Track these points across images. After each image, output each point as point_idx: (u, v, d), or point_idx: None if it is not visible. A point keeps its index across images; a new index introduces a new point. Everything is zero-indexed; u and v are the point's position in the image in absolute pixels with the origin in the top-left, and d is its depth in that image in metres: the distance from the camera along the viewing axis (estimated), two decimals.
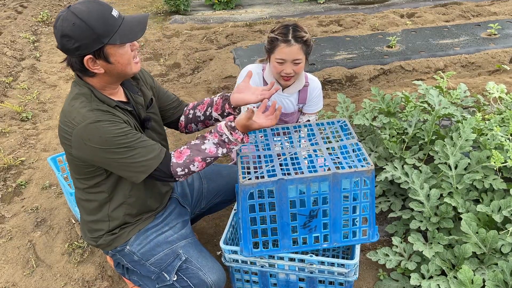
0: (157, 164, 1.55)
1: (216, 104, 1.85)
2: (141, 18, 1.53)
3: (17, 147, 3.28)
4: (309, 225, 1.65)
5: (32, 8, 6.59)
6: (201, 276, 1.66)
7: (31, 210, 2.63)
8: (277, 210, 1.60)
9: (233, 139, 1.63)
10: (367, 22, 5.52)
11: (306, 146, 1.79)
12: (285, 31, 2.08)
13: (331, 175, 1.54)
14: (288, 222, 1.62)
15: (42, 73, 4.59)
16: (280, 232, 1.64)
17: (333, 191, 1.57)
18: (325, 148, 1.75)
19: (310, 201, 1.60)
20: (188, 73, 4.54)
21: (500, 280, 1.71)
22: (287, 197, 1.57)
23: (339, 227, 1.66)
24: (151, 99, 1.78)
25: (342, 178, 1.55)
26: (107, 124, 1.47)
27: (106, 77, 1.53)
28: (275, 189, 1.55)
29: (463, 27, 5.09)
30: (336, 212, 1.62)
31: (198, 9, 6.73)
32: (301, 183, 1.55)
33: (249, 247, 1.67)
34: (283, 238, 1.65)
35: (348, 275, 1.66)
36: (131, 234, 1.75)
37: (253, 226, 1.63)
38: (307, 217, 1.63)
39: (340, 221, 1.64)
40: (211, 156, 1.62)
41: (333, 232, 1.66)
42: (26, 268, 2.22)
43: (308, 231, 1.66)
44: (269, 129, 1.92)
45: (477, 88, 3.65)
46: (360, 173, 1.55)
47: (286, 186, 1.55)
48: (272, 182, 1.54)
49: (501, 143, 2.22)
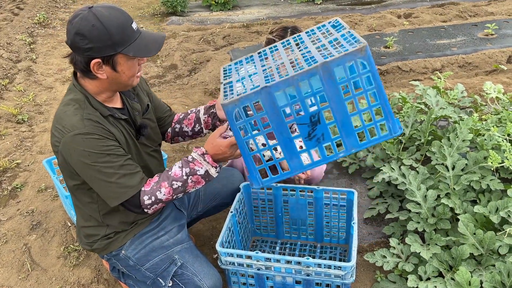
0: (133, 193, 1.53)
1: (205, 122, 1.87)
2: (157, 37, 1.54)
3: (12, 149, 3.26)
4: (314, 134, 1.41)
5: (29, 10, 6.57)
6: (196, 282, 1.64)
7: (27, 213, 2.61)
8: (272, 126, 1.40)
9: (196, 155, 1.59)
10: (364, 22, 5.52)
11: (296, 54, 1.52)
12: (283, 33, 2.06)
13: (320, 66, 1.29)
14: (289, 136, 1.41)
15: (38, 75, 4.57)
16: (284, 151, 1.44)
17: (327, 85, 1.32)
18: (314, 48, 1.48)
19: (306, 104, 1.37)
20: (185, 75, 4.53)
21: (497, 281, 1.70)
22: (277, 107, 1.36)
23: (350, 128, 1.39)
24: (148, 104, 1.78)
25: (333, 66, 1.30)
26: (95, 138, 1.46)
27: (105, 84, 1.52)
28: (261, 100, 1.35)
29: (460, 27, 5.09)
30: (340, 110, 1.36)
31: (195, 10, 6.72)
32: (288, 86, 1.33)
33: (256, 177, 1.50)
34: (291, 158, 1.45)
35: (345, 277, 1.65)
36: (126, 239, 1.73)
37: (252, 152, 1.47)
38: (308, 125, 1.40)
39: (349, 120, 1.37)
40: (176, 179, 1.56)
41: (346, 136, 1.40)
42: (21, 272, 2.21)
43: (316, 142, 1.43)
44: (255, 54, 1.69)
45: (474, 88, 3.65)
46: (351, 55, 1.28)
47: (273, 94, 1.34)
48: (255, 93, 1.34)
49: (498, 144, 2.21)
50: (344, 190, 2.02)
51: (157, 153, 1.85)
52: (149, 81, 4.41)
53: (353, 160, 2.70)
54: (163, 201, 1.57)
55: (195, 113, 1.90)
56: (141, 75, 1.63)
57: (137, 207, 1.56)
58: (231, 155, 1.60)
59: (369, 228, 2.33)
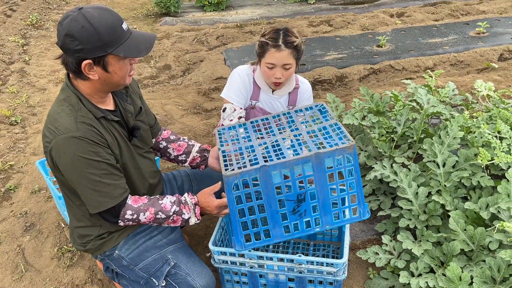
0: (113, 205, 1.56)
1: (193, 159, 1.98)
2: (148, 37, 1.55)
3: (6, 151, 3.25)
4: (298, 210, 1.63)
5: (21, 11, 6.54)
6: (189, 281, 1.65)
7: (20, 214, 2.61)
8: (264, 199, 1.58)
9: (189, 202, 1.70)
10: (357, 22, 5.55)
11: (287, 133, 1.79)
12: (275, 35, 2.06)
13: (313, 155, 1.53)
14: (276, 209, 1.60)
15: (31, 76, 4.56)
16: (270, 221, 1.62)
17: (317, 171, 1.55)
18: (305, 133, 1.74)
19: (296, 185, 1.58)
20: (178, 75, 4.53)
21: (487, 276, 1.72)
22: (272, 184, 1.55)
23: (329, 209, 1.64)
24: (140, 107, 1.79)
25: (325, 157, 1.54)
26: (87, 143, 1.47)
27: (97, 84, 1.52)
28: (259, 176, 1.53)
29: (452, 26, 5.12)
30: (323, 193, 1.60)
31: (188, 11, 6.72)
32: (284, 167, 1.53)
33: (241, 241, 1.65)
34: (274, 227, 1.63)
35: (337, 274, 1.67)
36: (120, 239, 1.74)
37: (242, 218, 1.62)
38: (295, 202, 1.61)
39: (329, 202, 1.63)
40: (163, 211, 1.64)
41: (324, 215, 1.64)
42: (15, 273, 2.21)
43: (298, 217, 1.64)
44: (248, 122, 1.93)
45: (466, 87, 3.68)
46: (341, 150, 1.55)
47: (270, 172, 1.53)
48: (255, 170, 1.52)
49: (488, 141, 2.23)
50: None
51: (150, 155, 1.85)
52: (143, 82, 4.41)
53: None
54: (140, 222, 1.64)
55: (187, 144, 1.99)
56: (134, 76, 1.64)
57: (114, 217, 1.60)
58: (217, 214, 1.74)
59: (362, 225, 2.35)
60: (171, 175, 2.11)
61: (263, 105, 2.29)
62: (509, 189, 1.96)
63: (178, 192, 2.06)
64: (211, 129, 3.42)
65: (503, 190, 1.96)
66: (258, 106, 2.29)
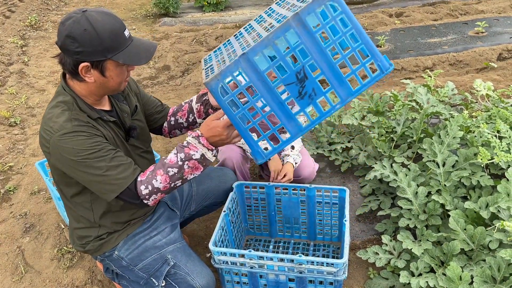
0: (128, 184, 1.50)
1: (197, 111, 1.83)
2: (149, 46, 1.52)
3: (5, 152, 3.25)
4: (305, 91, 1.37)
5: (20, 12, 6.54)
6: (189, 281, 1.65)
7: (20, 215, 2.60)
8: (260, 93, 1.36)
9: (190, 139, 1.55)
10: None
11: (268, 22, 1.49)
12: None
13: (291, 19, 1.26)
14: (280, 100, 1.37)
15: (30, 77, 4.55)
16: (280, 117, 1.39)
17: (304, 36, 1.29)
18: (285, 10, 1.44)
19: (287, 62, 1.33)
20: (178, 76, 4.53)
21: (488, 276, 1.72)
22: (260, 71, 1.33)
23: (340, 77, 1.34)
24: (136, 105, 1.78)
25: (304, 16, 1.27)
26: (83, 136, 1.45)
27: (93, 87, 1.52)
28: (242, 69, 1.32)
29: (451, 26, 5.13)
30: (324, 60, 1.32)
31: (187, 11, 6.72)
32: (265, 47, 1.30)
33: (259, 151, 1.45)
34: (289, 122, 1.40)
35: (337, 274, 1.66)
36: (119, 239, 1.74)
37: (248, 125, 1.42)
38: (296, 83, 1.36)
39: (335, 69, 1.33)
40: (171, 165, 1.52)
41: (339, 86, 1.35)
42: (15, 275, 2.20)
43: (309, 99, 1.38)
44: (232, 37, 1.65)
45: (465, 86, 3.68)
46: (318, 1, 1.26)
47: (252, 60, 1.31)
48: (234, 63, 1.31)
49: (488, 140, 2.24)
50: (336, 188, 2.03)
51: (148, 154, 1.85)
52: (142, 82, 4.40)
53: (345, 159, 2.72)
54: (161, 190, 1.53)
55: (188, 104, 1.88)
56: (133, 76, 1.63)
57: (135, 198, 1.53)
58: (228, 137, 1.54)
59: (362, 225, 2.35)
60: None
61: None
62: (509, 188, 1.96)
63: (178, 193, 2.05)
64: None
65: (503, 190, 1.96)
66: None
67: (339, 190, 2.03)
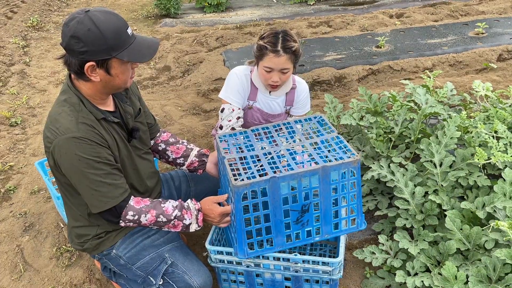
0: (113, 205, 1.57)
1: (191, 163, 1.99)
2: (152, 43, 1.56)
3: (6, 152, 3.27)
4: (301, 220, 1.68)
5: (22, 13, 6.57)
6: (186, 279, 1.67)
7: (20, 215, 2.62)
8: (271, 209, 1.61)
9: (192, 208, 1.70)
10: (357, 23, 5.56)
11: (289, 144, 1.82)
12: (274, 40, 2.05)
13: (321, 168, 1.58)
14: (281, 219, 1.64)
15: (31, 78, 4.58)
16: (274, 230, 1.65)
17: (323, 184, 1.61)
18: (308, 144, 1.79)
19: (301, 196, 1.63)
20: (178, 76, 4.54)
21: (483, 275, 1.73)
22: (280, 195, 1.59)
23: (330, 219, 1.70)
24: (139, 108, 1.80)
25: (331, 171, 1.61)
26: (88, 143, 1.48)
27: (99, 86, 1.54)
28: (267, 187, 1.57)
29: (451, 27, 5.13)
30: (326, 205, 1.67)
31: (188, 12, 6.74)
32: (293, 179, 1.58)
33: (244, 250, 1.67)
34: (277, 236, 1.67)
35: (332, 273, 1.67)
36: (117, 238, 1.75)
37: (247, 228, 1.63)
38: (299, 212, 1.66)
39: (330, 213, 1.69)
40: (165, 215, 1.65)
41: (325, 225, 1.71)
42: (14, 273, 2.22)
43: (300, 226, 1.69)
44: (249, 130, 1.94)
45: (465, 87, 3.69)
46: (347, 164, 1.62)
47: (279, 184, 1.57)
48: (265, 181, 1.55)
49: (485, 141, 2.24)
50: None
51: (148, 156, 1.87)
52: (142, 83, 4.42)
53: None
54: (141, 224, 1.65)
55: (185, 147, 2.00)
56: (134, 78, 1.66)
57: (115, 217, 1.61)
58: (218, 222, 1.74)
59: None
60: (169, 176, 2.12)
61: (260, 105, 2.30)
62: (505, 189, 1.97)
63: (176, 193, 2.07)
64: (210, 130, 3.43)
65: (500, 190, 1.97)
66: (256, 106, 2.30)
67: None
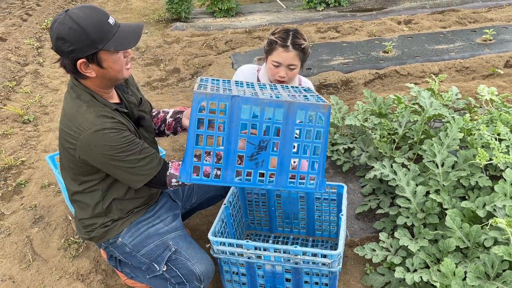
0: (156, 173, 1.63)
1: (169, 124, 1.99)
2: (136, 27, 1.59)
3: (18, 148, 3.36)
4: (256, 157, 1.53)
5: (37, 15, 6.73)
6: (189, 266, 1.71)
7: (30, 207, 2.69)
8: (226, 132, 1.48)
9: None
10: (365, 28, 5.60)
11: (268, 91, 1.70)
12: (285, 35, 2.12)
13: (287, 103, 1.46)
14: (235, 149, 1.51)
15: (44, 77, 4.69)
16: (224, 160, 1.52)
17: (286, 121, 1.48)
18: (286, 94, 1.67)
19: (261, 128, 1.50)
20: (187, 78, 4.62)
21: (481, 272, 1.74)
22: (239, 118, 1.46)
23: (287, 169, 1.54)
24: (141, 98, 1.86)
25: (298, 109, 1.47)
26: (113, 132, 1.53)
27: (98, 81, 1.59)
28: (228, 105, 1.45)
29: (459, 33, 5.15)
30: (286, 149, 1.51)
31: (199, 17, 6.85)
32: (256, 105, 1.46)
33: (188, 171, 1.54)
34: (226, 169, 1.53)
35: (331, 265, 1.71)
36: (123, 227, 1.80)
37: (197, 146, 1.51)
38: (256, 147, 1.52)
39: (288, 161, 1.53)
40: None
41: (280, 174, 1.55)
42: (23, 262, 2.28)
43: (254, 165, 1.54)
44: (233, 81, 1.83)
45: (471, 92, 3.70)
46: (316, 107, 1.48)
47: (240, 105, 1.45)
48: (226, 97, 1.44)
49: (487, 142, 2.26)
50: (334, 184, 2.08)
51: (154, 144, 1.93)
52: (152, 84, 4.51)
53: (347, 159, 2.76)
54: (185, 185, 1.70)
55: (164, 113, 2.03)
56: (144, 78, 1.71)
57: (162, 185, 1.69)
58: None
59: (361, 223, 2.39)
60: None
61: None
62: (506, 189, 1.99)
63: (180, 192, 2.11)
64: None
65: (500, 189, 1.99)
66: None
67: (337, 186, 2.08)
